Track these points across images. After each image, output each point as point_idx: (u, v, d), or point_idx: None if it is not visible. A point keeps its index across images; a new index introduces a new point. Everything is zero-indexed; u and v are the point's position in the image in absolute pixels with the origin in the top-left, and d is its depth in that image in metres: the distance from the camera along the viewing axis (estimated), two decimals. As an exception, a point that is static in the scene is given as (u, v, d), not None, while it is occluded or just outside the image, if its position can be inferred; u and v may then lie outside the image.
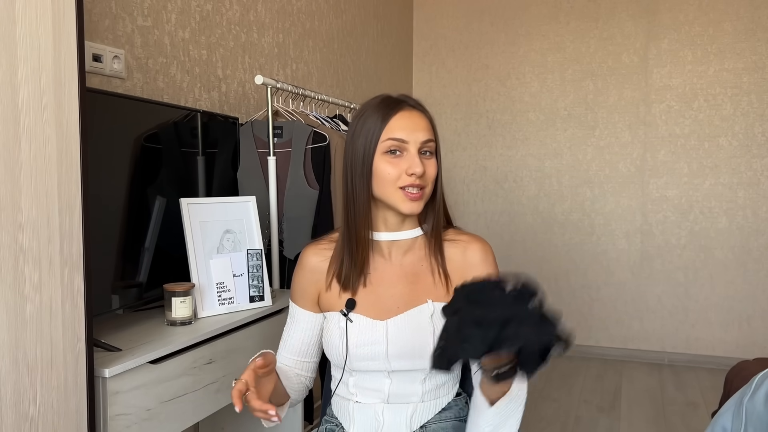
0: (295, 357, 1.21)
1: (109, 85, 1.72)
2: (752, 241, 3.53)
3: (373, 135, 1.10)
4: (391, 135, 1.10)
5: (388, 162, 1.10)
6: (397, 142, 1.10)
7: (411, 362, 1.12)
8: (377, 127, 1.10)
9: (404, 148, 1.10)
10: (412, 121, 1.11)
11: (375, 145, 1.10)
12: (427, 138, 1.11)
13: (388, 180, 1.10)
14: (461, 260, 1.18)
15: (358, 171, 1.11)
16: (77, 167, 1.10)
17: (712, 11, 3.53)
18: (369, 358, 1.12)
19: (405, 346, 1.11)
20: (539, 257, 3.91)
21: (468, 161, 4.05)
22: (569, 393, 3.18)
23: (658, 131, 3.66)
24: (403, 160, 1.10)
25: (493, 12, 3.94)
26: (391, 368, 1.13)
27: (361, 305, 1.15)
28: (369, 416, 1.16)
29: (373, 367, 1.13)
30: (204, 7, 2.09)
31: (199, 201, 1.63)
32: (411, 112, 1.13)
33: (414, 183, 1.09)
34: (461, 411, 1.20)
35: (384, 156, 1.10)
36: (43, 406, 1.05)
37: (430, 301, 1.13)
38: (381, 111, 1.12)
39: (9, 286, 0.98)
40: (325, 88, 2.97)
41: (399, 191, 1.10)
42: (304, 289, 1.20)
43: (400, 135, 1.10)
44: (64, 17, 1.06)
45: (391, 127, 1.10)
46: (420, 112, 1.14)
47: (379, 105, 1.14)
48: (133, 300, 1.52)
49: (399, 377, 1.14)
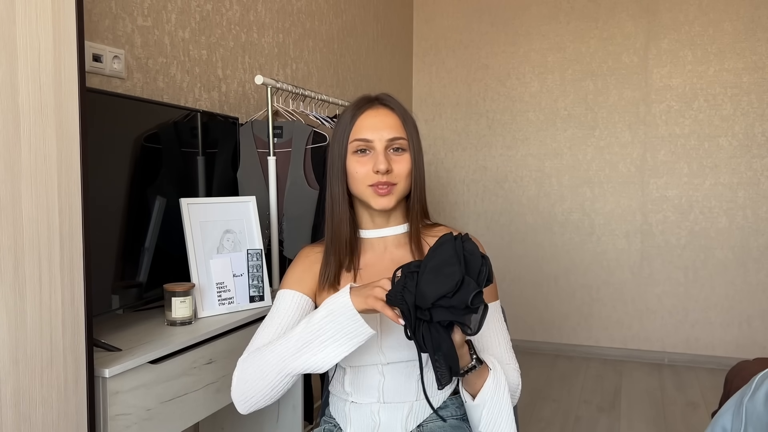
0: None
1: (109, 85, 1.72)
2: (752, 241, 3.53)
3: (343, 136, 1.16)
4: (357, 135, 1.15)
5: (357, 161, 1.14)
6: (363, 142, 1.14)
7: (405, 353, 1.13)
8: (346, 129, 1.16)
9: (371, 146, 1.14)
10: (378, 120, 1.15)
11: (346, 146, 1.15)
12: (393, 135, 1.14)
13: (357, 178, 1.14)
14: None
15: (334, 171, 1.17)
16: (77, 167, 1.10)
17: (712, 11, 3.52)
18: (362, 351, 1.13)
19: (398, 338, 1.12)
20: (539, 257, 3.91)
21: (468, 161, 4.05)
22: (569, 393, 3.18)
23: (658, 131, 3.66)
24: (370, 159, 1.14)
25: (493, 12, 3.94)
26: (386, 360, 1.13)
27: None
28: (365, 416, 1.16)
29: (367, 361, 1.14)
30: (204, 7, 2.09)
31: (199, 201, 1.63)
32: (378, 110, 1.16)
33: (381, 180, 1.12)
34: (457, 410, 1.20)
35: (354, 155, 1.15)
36: (43, 406, 1.05)
37: None
38: (350, 112, 1.17)
39: (9, 286, 0.98)
40: (325, 88, 2.97)
41: (369, 188, 1.14)
42: (298, 276, 1.20)
43: (365, 135, 1.14)
44: (64, 17, 1.06)
45: (358, 127, 1.15)
46: (389, 109, 1.17)
47: (351, 106, 1.19)
48: (133, 300, 1.52)
49: (393, 373, 1.15)
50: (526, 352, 3.89)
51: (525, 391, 3.20)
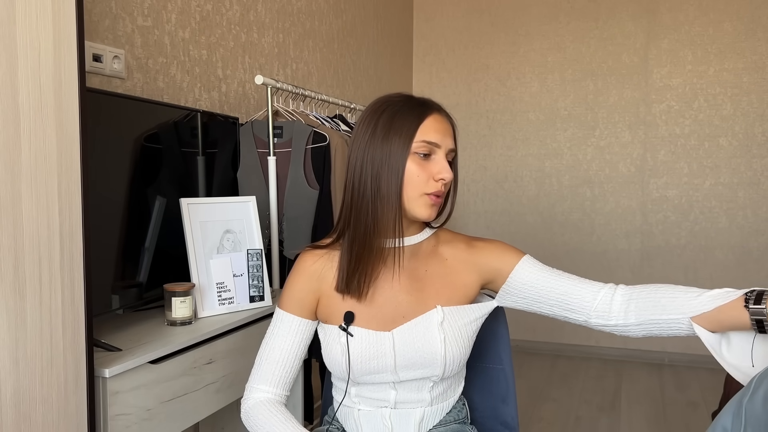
0: (278, 371, 1.11)
1: (109, 85, 1.72)
2: (752, 241, 3.53)
3: (406, 134, 1.04)
4: (425, 137, 1.04)
5: (417, 164, 1.04)
6: (431, 145, 1.04)
7: (420, 371, 1.08)
8: (411, 127, 1.04)
9: (435, 152, 1.05)
10: (444, 126, 1.07)
11: (409, 145, 1.03)
12: (453, 146, 1.08)
13: (416, 183, 1.04)
14: (466, 254, 1.15)
15: (387, 172, 1.03)
16: (77, 167, 1.10)
17: (712, 11, 3.52)
18: (375, 372, 1.08)
19: (414, 357, 1.07)
20: (539, 257, 3.91)
21: (468, 161, 4.05)
22: (569, 393, 3.18)
23: (658, 131, 3.66)
24: (432, 165, 1.05)
25: (493, 12, 3.94)
26: (399, 379, 1.09)
27: (363, 316, 1.09)
28: (377, 421, 1.12)
29: (379, 380, 1.09)
30: (204, 7, 2.09)
31: (199, 201, 1.63)
32: (442, 117, 1.08)
33: (440, 190, 1.05)
34: (459, 413, 1.19)
35: (413, 157, 1.04)
36: (43, 406, 1.05)
37: (440, 307, 1.09)
38: (414, 110, 1.06)
39: (9, 286, 0.98)
40: (325, 88, 2.97)
41: (425, 196, 1.05)
42: (299, 297, 1.12)
43: (434, 138, 1.04)
44: (64, 17, 1.06)
45: (426, 128, 1.04)
46: (447, 119, 1.10)
47: (409, 103, 1.07)
48: (133, 300, 1.52)
49: (405, 387, 1.11)
50: (527, 351, 3.89)
51: (525, 391, 3.20)
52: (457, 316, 1.10)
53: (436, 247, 1.15)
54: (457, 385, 1.18)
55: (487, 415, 1.30)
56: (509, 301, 1.15)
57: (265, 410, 1.08)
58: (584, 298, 1.08)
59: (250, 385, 1.13)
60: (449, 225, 1.27)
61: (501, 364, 1.30)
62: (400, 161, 1.03)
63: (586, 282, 1.10)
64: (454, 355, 1.08)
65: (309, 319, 1.13)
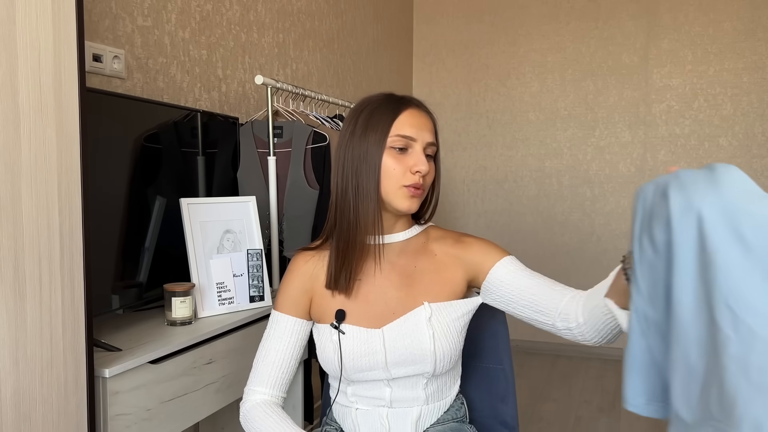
0: (274, 372, 1.13)
1: (109, 85, 1.72)
2: (752, 241, 3.52)
3: (382, 129, 1.06)
4: (400, 131, 1.06)
5: (394, 158, 1.06)
6: (406, 139, 1.06)
7: (412, 368, 1.09)
8: (386, 123, 1.06)
9: (411, 145, 1.07)
10: (421, 121, 1.09)
11: (384, 140, 1.06)
12: (432, 140, 1.09)
13: (393, 176, 1.06)
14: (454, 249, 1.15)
15: (365, 168, 1.06)
16: (77, 167, 1.10)
17: (712, 11, 3.52)
18: (367, 369, 1.09)
19: (404, 353, 1.08)
20: (539, 257, 3.91)
21: (468, 161, 4.05)
22: (569, 393, 3.18)
23: (658, 131, 3.66)
24: (409, 158, 1.07)
25: (493, 12, 3.94)
26: (391, 376, 1.10)
27: (354, 314, 1.10)
28: (374, 420, 1.13)
29: (372, 377, 1.10)
30: (204, 7, 2.09)
31: (199, 201, 1.63)
32: (419, 112, 1.10)
33: (417, 182, 1.06)
34: (457, 412, 1.19)
35: (390, 152, 1.06)
36: (43, 406, 1.05)
37: (427, 303, 1.10)
38: (390, 106, 1.08)
39: (9, 286, 0.98)
40: (325, 88, 2.97)
41: (403, 188, 1.06)
42: (293, 296, 1.14)
43: (409, 132, 1.06)
44: (64, 17, 1.06)
45: (401, 123, 1.07)
46: (426, 114, 1.11)
47: (386, 100, 1.10)
48: (133, 300, 1.52)
49: (399, 384, 1.11)
50: (527, 352, 3.89)
51: (525, 391, 3.19)
52: (444, 312, 1.11)
53: (426, 244, 1.16)
54: (452, 383, 1.18)
55: (486, 415, 1.30)
56: (489, 299, 1.15)
57: (260, 412, 1.10)
58: (552, 300, 1.07)
59: (248, 388, 1.16)
60: (448, 225, 1.26)
61: (501, 364, 1.30)
62: (376, 156, 1.06)
63: (559, 286, 1.09)
64: (444, 350, 1.09)
65: (304, 318, 1.15)
